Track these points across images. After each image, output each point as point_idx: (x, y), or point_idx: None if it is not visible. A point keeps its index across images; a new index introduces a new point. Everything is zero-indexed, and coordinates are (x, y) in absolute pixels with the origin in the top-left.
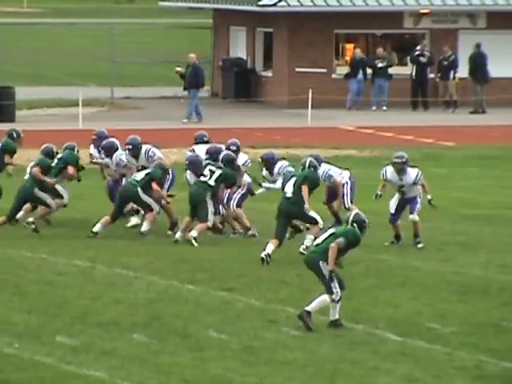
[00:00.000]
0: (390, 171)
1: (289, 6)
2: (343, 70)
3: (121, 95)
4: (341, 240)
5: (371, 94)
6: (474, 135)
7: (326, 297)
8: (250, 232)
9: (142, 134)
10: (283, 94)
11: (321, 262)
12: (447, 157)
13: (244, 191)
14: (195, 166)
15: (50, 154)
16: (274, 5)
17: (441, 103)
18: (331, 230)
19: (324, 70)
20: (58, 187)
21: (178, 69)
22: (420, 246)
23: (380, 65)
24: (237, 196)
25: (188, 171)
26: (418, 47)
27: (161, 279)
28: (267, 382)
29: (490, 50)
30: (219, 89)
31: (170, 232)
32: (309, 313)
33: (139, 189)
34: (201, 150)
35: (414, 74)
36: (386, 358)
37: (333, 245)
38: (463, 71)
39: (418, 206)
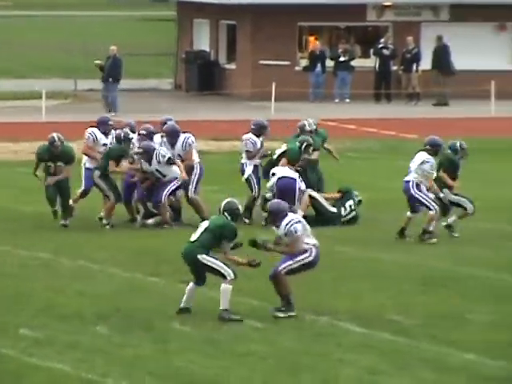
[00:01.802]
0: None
1: None
2: (305, 62)
3: (84, 87)
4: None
5: (334, 86)
6: (436, 127)
7: (224, 286)
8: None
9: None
10: (247, 86)
11: (198, 255)
12: (410, 149)
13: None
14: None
15: None
16: None
17: (404, 95)
18: (205, 224)
19: (287, 63)
20: None
21: (97, 62)
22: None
23: (342, 58)
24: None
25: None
26: (382, 40)
27: (124, 272)
28: (230, 374)
29: (452, 43)
30: (182, 81)
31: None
32: (226, 310)
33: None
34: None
35: (377, 66)
36: (349, 349)
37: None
38: (426, 64)
39: None
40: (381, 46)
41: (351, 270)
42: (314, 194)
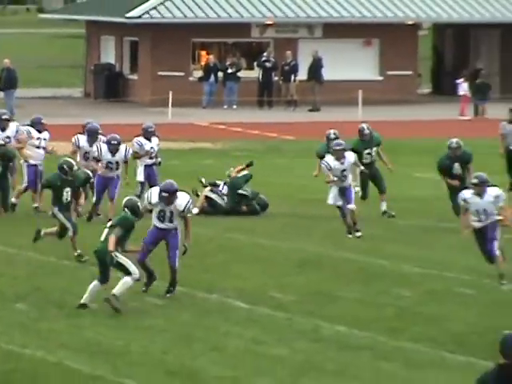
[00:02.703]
0: (331, 160)
1: (152, 18)
2: (199, 73)
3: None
4: (117, 230)
5: (223, 94)
6: (311, 130)
7: (128, 279)
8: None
9: None
10: (147, 94)
11: (116, 255)
12: (288, 149)
13: None
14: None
15: None
16: (139, 17)
17: (283, 102)
18: (109, 223)
19: (182, 74)
20: None
21: None
22: (359, 234)
23: (230, 70)
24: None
25: None
26: (264, 54)
27: (40, 255)
28: (133, 345)
29: (326, 56)
30: (91, 90)
31: None
32: (115, 296)
33: None
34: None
35: (260, 77)
36: (235, 323)
37: (110, 237)
38: (302, 75)
39: (353, 196)
40: (263, 59)
41: (239, 255)
42: (211, 194)
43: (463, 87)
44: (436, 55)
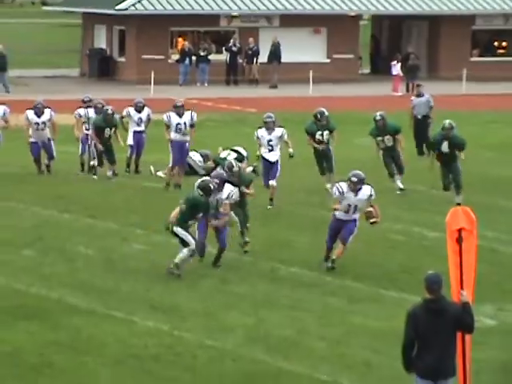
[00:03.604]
0: (262, 131)
1: (136, 9)
2: (176, 56)
3: (15, 75)
4: (182, 206)
5: (197, 74)
6: (270, 104)
7: (185, 250)
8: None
9: (30, 104)
10: (133, 74)
11: (174, 228)
12: (251, 120)
13: None
14: None
15: None
16: (126, 9)
17: (247, 81)
18: (182, 200)
19: (162, 57)
20: None
21: None
22: (269, 207)
23: (202, 54)
24: None
25: None
26: (231, 40)
27: (43, 210)
28: (122, 284)
29: (282, 42)
30: (86, 71)
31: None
32: (177, 265)
33: None
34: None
35: (227, 59)
36: (207, 266)
37: (175, 210)
38: (263, 58)
39: (278, 173)
40: (230, 44)
41: None
42: (191, 161)
43: (396, 68)
44: (374, 41)
